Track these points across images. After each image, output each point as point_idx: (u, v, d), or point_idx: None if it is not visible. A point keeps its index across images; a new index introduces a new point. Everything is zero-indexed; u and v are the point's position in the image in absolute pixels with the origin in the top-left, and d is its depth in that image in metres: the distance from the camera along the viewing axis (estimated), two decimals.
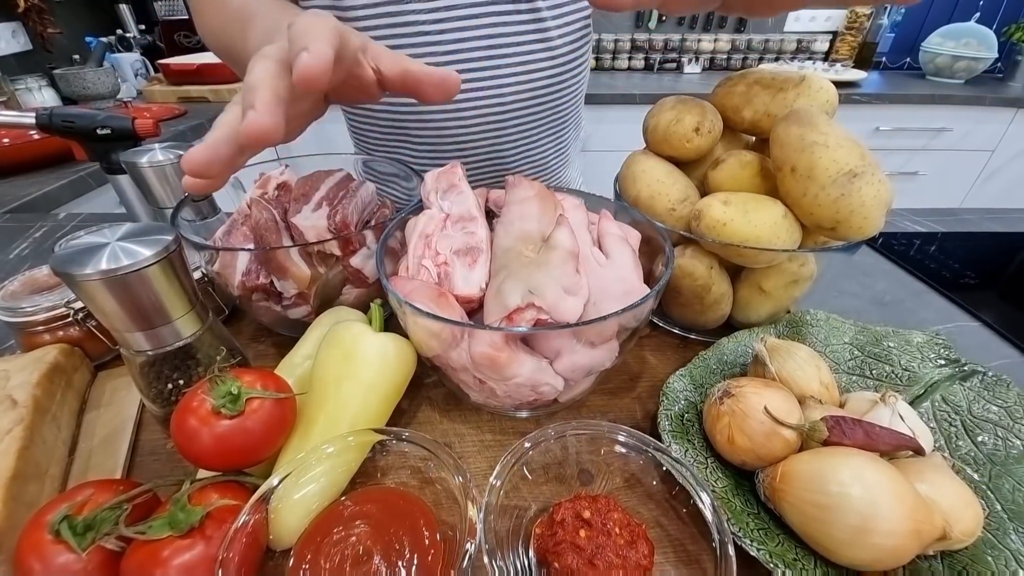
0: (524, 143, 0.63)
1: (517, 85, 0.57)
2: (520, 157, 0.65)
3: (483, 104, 0.57)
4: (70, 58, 1.76)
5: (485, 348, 0.30)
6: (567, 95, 0.63)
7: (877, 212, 0.34)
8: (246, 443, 0.28)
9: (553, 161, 0.70)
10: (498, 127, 0.60)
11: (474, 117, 0.58)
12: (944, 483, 0.28)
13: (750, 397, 0.31)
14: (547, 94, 0.60)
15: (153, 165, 0.48)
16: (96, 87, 1.62)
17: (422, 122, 0.59)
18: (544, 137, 0.65)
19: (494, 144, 0.61)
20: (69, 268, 0.29)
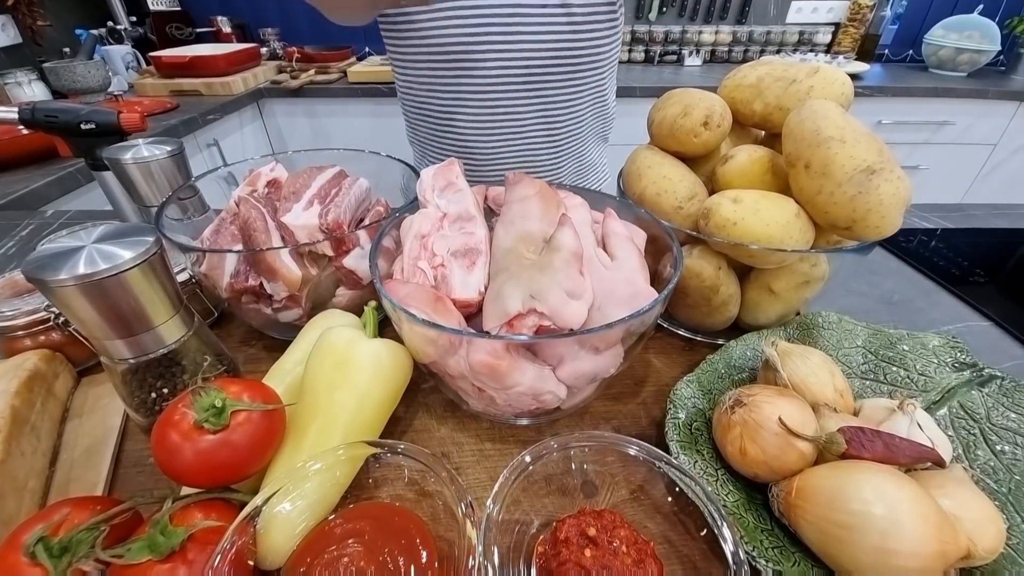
0: (540, 107, 0.67)
1: (537, 49, 0.61)
2: (536, 119, 0.68)
3: (505, 62, 0.62)
4: (60, 51, 1.73)
5: (484, 356, 0.29)
6: (587, 69, 0.67)
7: (895, 211, 0.33)
8: (231, 458, 0.27)
9: (566, 131, 0.72)
10: (517, 87, 0.64)
11: (497, 73, 0.63)
12: (967, 498, 0.27)
13: (763, 406, 0.29)
14: (566, 65, 0.64)
15: (138, 162, 0.46)
16: (86, 80, 1.59)
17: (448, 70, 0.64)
18: (560, 105, 0.68)
19: (515, 104, 0.66)
20: (42, 274, 0.27)
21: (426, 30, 0.61)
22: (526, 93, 0.65)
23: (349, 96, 1.83)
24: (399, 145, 0.84)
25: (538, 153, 0.72)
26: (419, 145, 0.80)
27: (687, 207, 0.39)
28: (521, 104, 0.66)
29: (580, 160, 0.79)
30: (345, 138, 1.95)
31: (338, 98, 1.84)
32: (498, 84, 0.64)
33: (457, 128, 0.70)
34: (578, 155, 0.78)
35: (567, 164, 0.77)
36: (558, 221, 0.32)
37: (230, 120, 1.66)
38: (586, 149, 0.79)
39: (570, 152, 0.75)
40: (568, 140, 0.73)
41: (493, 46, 0.61)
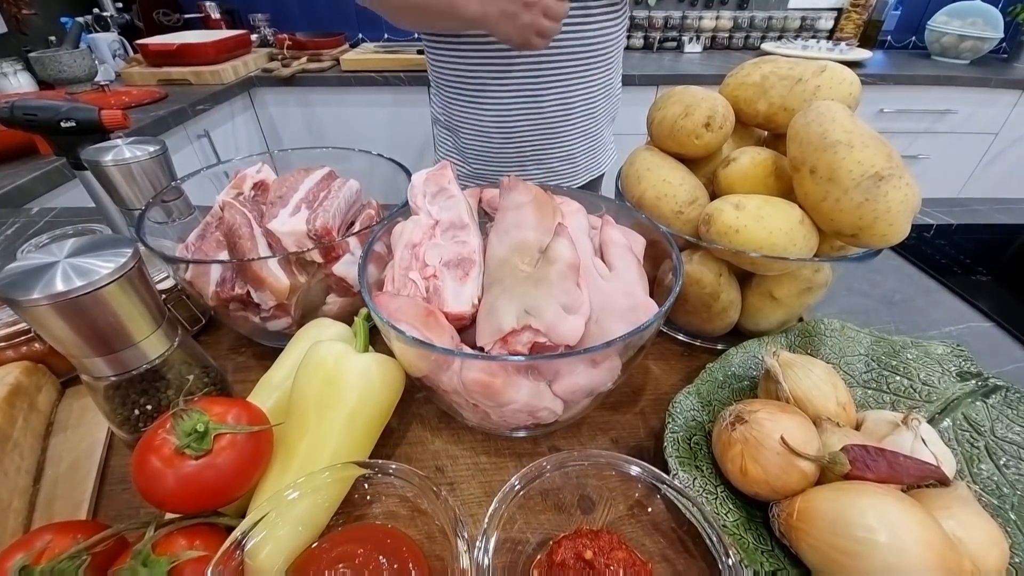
0: (559, 88, 0.74)
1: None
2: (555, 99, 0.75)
3: None
4: (46, 40, 1.68)
5: (478, 374, 0.28)
6: (598, 51, 0.73)
7: (904, 218, 0.31)
8: (216, 483, 0.26)
9: (581, 110, 0.78)
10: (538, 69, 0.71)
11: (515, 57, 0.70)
12: (971, 519, 0.26)
13: (764, 423, 0.29)
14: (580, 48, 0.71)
15: (119, 163, 0.44)
16: (72, 70, 1.55)
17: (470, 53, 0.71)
18: (576, 86, 0.74)
19: (534, 85, 0.72)
20: (13, 293, 0.26)
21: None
22: (546, 77, 0.72)
23: (343, 85, 1.79)
24: (395, 135, 0.84)
25: (555, 132, 0.79)
26: (448, 124, 0.85)
27: (688, 212, 0.38)
28: (541, 87, 0.72)
29: (594, 139, 0.85)
30: (339, 128, 1.91)
31: (331, 87, 1.80)
32: (520, 68, 0.70)
33: (482, 111, 0.76)
34: (593, 134, 0.84)
35: (582, 142, 0.83)
36: (554, 230, 0.31)
37: (221, 110, 1.62)
38: (599, 128, 0.85)
39: (585, 130, 0.81)
40: (583, 120, 0.79)
41: None
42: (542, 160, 0.83)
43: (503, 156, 0.82)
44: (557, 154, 0.82)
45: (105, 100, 1.43)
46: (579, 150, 0.84)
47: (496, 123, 0.77)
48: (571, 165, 0.86)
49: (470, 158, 0.84)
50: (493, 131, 0.78)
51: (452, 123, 0.83)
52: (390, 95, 1.79)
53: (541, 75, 0.72)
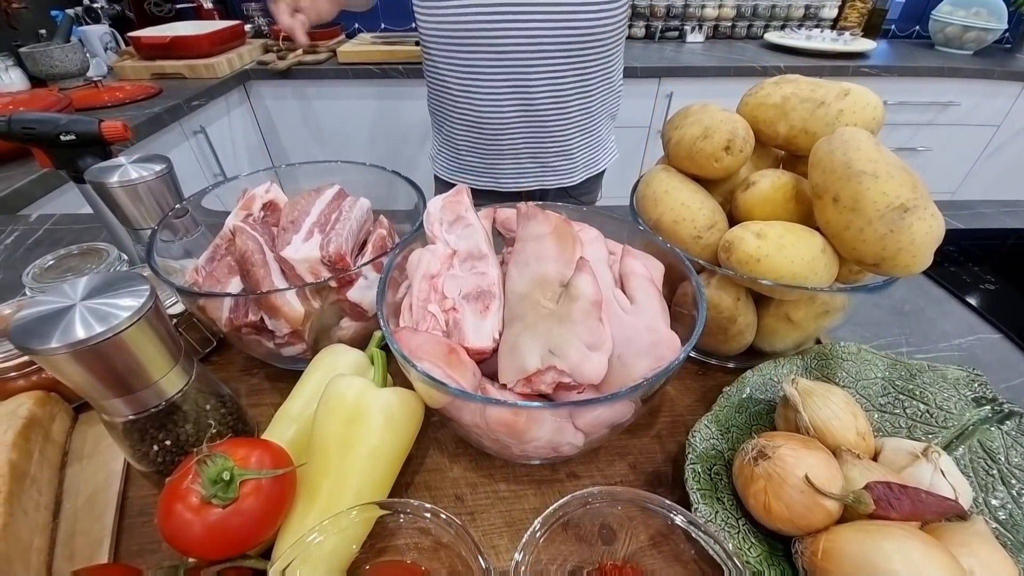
0: (550, 79, 0.72)
1: (546, 22, 0.67)
2: (546, 90, 0.73)
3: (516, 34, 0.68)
4: (36, 33, 1.63)
5: (502, 413, 0.28)
6: (595, 42, 0.71)
7: (927, 250, 0.31)
8: (242, 529, 0.26)
9: (576, 103, 0.77)
10: (528, 58, 0.70)
11: (506, 45, 0.69)
12: (989, 555, 0.26)
13: (787, 459, 0.29)
14: (576, 37, 0.69)
15: (124, 184, 0.43)
16: (64, 65, 1.52)
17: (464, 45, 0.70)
18: (569, 77, 0.73)
19: (524, 75, 0.71)
20: (30, 342, 0.25)
21: (452, 7, 0.68)
22: (536, 67, 0.71)
23: (340, 78, 1.76)
24: (394, 128, 0.84)
25: (548, 126, 0.77)
26: (439, 119, 0.85)
27: (706, 237, 0.38)
28: (532, 77, 0.71)
29: (592, 135, 0.84)
30: (337, 122, 1.89)
31: (328, 79, 1.77)
32: (509, 58, 0.70)
33: (473, 102, 0.75)
34: (588, 130, 0.82)
35: (576, 137, 0.81)
36: (576, 265, 0.31)
37: (216, 105, 1.60)
38: (597, 124, 0.83)
39: (580, 126, 0.80)
40: (577, 113, 0.78)
41: (507, 23, 0.67)
42: (537, 155, 0.81)
43: (497, 151, 0.80)
44: (552, 150, 0.81)
45: (98, 96, 1.40)
46: (576, 146, 0.82)
47: (488, 116, 0.76)
48: (568, 162, 0.84)
49: (462, 151, 0.83)
50: (485, 124, 0.77)
51: (444, 116, 0.82)
52: (388, 87, 1.76)
53: (531, 65, 0.70)
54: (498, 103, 0.74)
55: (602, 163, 0.91)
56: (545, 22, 0.67)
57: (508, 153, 0.80)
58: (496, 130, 0.77)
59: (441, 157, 0.89)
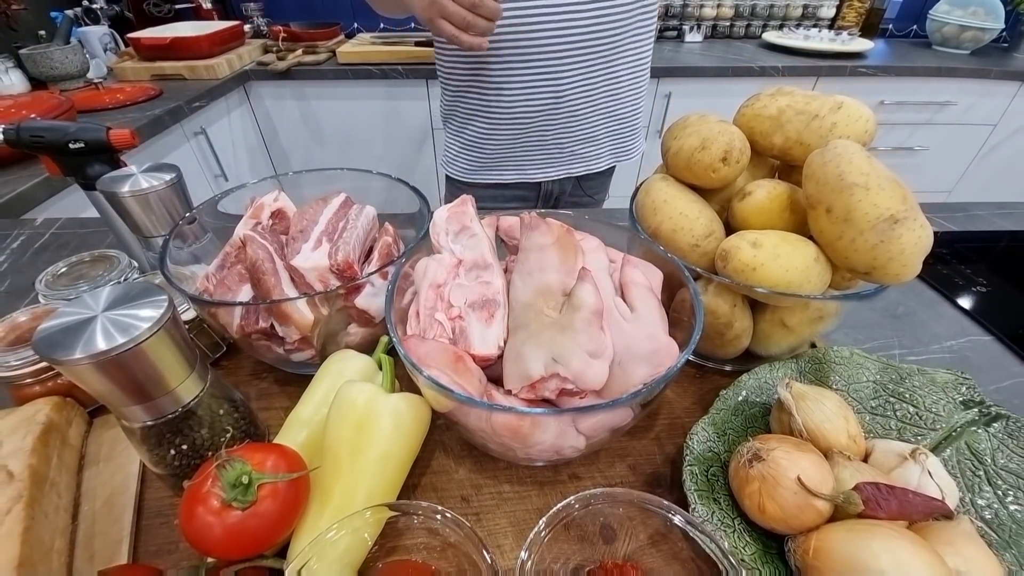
0: (580, 66, 0.74)
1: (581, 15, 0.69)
2: (575, 76, 0.75)
3: (549, 26, 0.69)
4: (36, 34, 1.64)
5: (507, 417, 0.29)
6: (620, 27, 0.72)
7: (916, 259, 0.32)
8: (260, 530, 0.27)
9: (603, 91, 0.78)
10: (559, 48, 0.71)
11: (541, 38, 0.70)
12: (973, 554, 0.28)
13: (781, 462, 0.30)
14: (602, 20, 0.70)
15: (135, 194, 0.44)
16: (64, 66, 1.52)
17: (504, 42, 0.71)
18: (597, 63, 0.74)
19: (555, 64, 0.73)
20: (54, 352, 0.26)
21: None
22: (568, 60, 0.72)
23: (339, 78, 1.77)
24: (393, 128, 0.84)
25: (576, 114, 0.79)
26: (459, 120, 0.85)
27: (704, 245, 0.39)
28: (563, 71, 0.73)
29: (617, 120, 0.85)
30: (337, 122, 1.89)
31: (328, 80, 1.78)
32: (544, 53, 0.71)
33: (504, 98, 0.76)
34: (616, 115, 0.83)
35: (603, 124, 0.83)
36: (578, 275, 0.32)
37: (216, 106, 1.60)
38: (623, 109, 0.84)
39: (608, 112, 0.82)
40: (605, 101, 0.80)
41: (542, 17, 0.69)
42: (563, 144, 0.82)
43: (524, 144, 0.82)
44: (579, 137, 0.82)
45: (99, 98, 1.40)
46: (602, 132, 0.84)
47: (520, 110, 0.77)
48: (594, 147, 0.85)
49: (487, 149, 0.84)
50: (517, 119, 0.78)
51: (468, 116, 0.83)
52: (388, 88, 1.76)
53: (563, 58, 0.72)
54: (530, 97, 0.76)
55: (631, 149, 0.92)
56: (578, 16, 0.69)
57: (536, 144, 0.82)
58: (526, 123, 0.79)
59: (460, 159, 0.89)
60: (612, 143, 0.88)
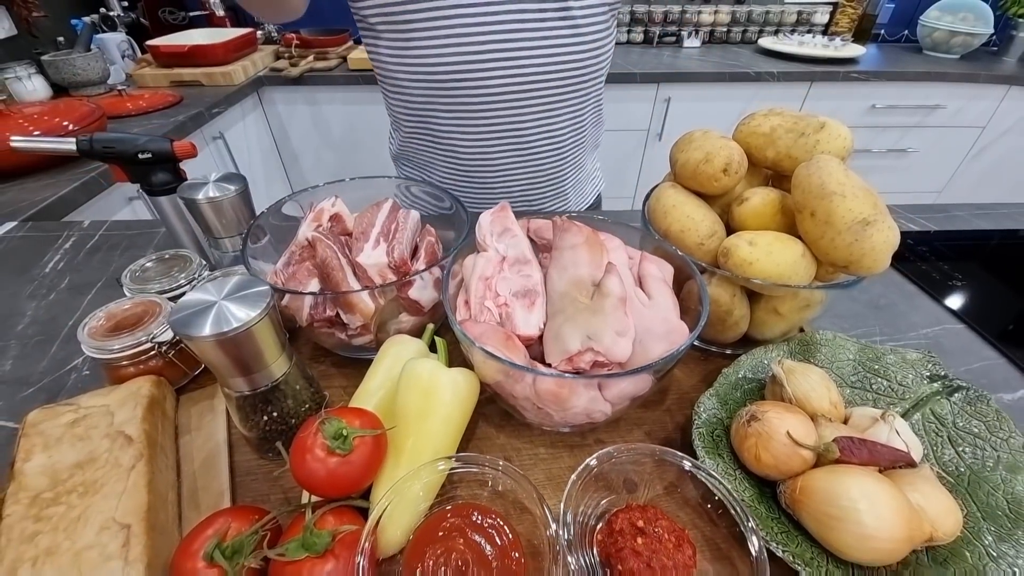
0: (546, 122, 0.69)
1: (541, 59, 0.62)
2: (541, 133, 0.69)
3: (507, 77, 0.63)
4: (55, 41, 1.69)
5: (550, 386, 0.35)
6: (590, 78, 0.68)
7: (885, 255, 0.39)
8: (354, 474, 0.33)
9: (570, 142, 0.74)
10: (521, 101, 0.65)
11: (498, 89, 0.64)
12: (931, 492, 0.34)
13: (773, 421, 0.36)
14: (572, 76, 0.65)
15: (211, 200, 0.50)
16: (86, 73, 1.58)
17: (449, 93, 0.64)
18: (565, 116, 0.69)
19: (517, 118, 0.67)
20: (187, 330, 0.32)
21: (425, 52, 0.62)
22: (530, 107, 0.66)
23: (350, 84, 1.83)
24: None
25: (543, 166, 0.73)
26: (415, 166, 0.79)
27: (707, 243, 0.45)
28: (526, 119, 0.67)
29: (581, 170, 0.82)
30: (346, 126, 1.95)
31: (339, 86, 1.84)
32: (501, 101, 0.65)
33: (459, 147, 0.69)
34: (579, 165, 0.80)
35: (570, 175, 0.79)
36: (605, 268, 0.38)
37: (232, 111, 1.66)
38: (585, 159, 0.81)
39: (573, 163, 0.77)
40: (571, 151, 0.75)
41: (496, 63, 0.62)
42: (529, 193, 0.76)
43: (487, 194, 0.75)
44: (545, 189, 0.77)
45: (122, 104, 1.46)
46: (569, 181, 0.79)
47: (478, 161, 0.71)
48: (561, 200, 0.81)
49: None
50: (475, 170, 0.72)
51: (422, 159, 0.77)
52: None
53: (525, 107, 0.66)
54: (489, 148, 0.69)
55: (589, 195, 0.88)
56: (541, 61, 0.62)
57: (499, 194, 0.75)
58: (487, 174, 0.72)
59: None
60: (576, 191, 0.83)
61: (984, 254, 0.79)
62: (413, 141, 0.75)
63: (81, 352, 0.58)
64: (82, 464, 0.36)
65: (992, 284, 0.71)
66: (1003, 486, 0.36)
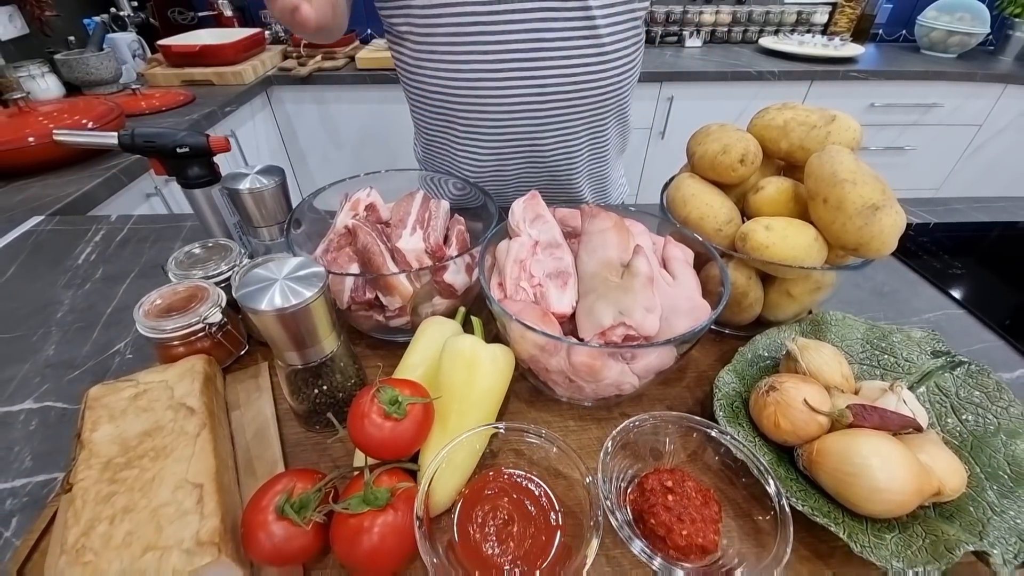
0: (562, 134, 0.69)
1: (560, 76, 0.62)
2: (557, 145, 0.70)
3: (524, 91, 0.63)
4: (66, 40, 1.71)
5: (584, 358, 0.38)
6: (612, 91, 0.67)
7: (892, 238, 0.42)
8: (407, 438, 0.36)
9: (588, 154, 0.74)
10: (537, 116, 0.65)
11: (516, 102, 0.64)
12: (938, 453, 0.37)
13: (791, 391, 0.39)
14: (591, 90, 0.65)
15: (252, 191, 0.53)
16: (99, 72, 1.60)
17: (467, 102, 0.66)
18: (583, 129, 0.70)
19: (533, 130, 0.67)
20: (252, 303, 0.35)
21: (446, 60, 0.63)
22: (546, 120, 0.66)
23: (357, 83, 1.86)
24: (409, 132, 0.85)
25: (558, 177, 0.75)
26: (436, 170, 0.80)
27: (725, 230, 0.48)
28: (543, 131, 0.67)
29: (603, 180, 0.82)
30: (354, 125, 1.98)
31: (346, 85, 1.87)
32: (518, 113, 0.65)
33: (476, 155, 0.70)
34: (599, 176, 0.80)
35: (585, 185, 0.79)
36: (632, 250, 0.41)
37: (243, 110, 1.68)
38: (610, 169, 0.81)
39: (588, 174, 0.78)
40: (588, 163, 0.75)
41: (514, 78, 0.62)
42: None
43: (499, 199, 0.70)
44: (561, 197, 0.78)
45: (136, 103, 1.48)
46: (585, 190, 0.80)
47: (493, 172, 0.72)
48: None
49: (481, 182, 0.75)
50: (489, 180, 0.74)
51: (442, 164, 0.78)
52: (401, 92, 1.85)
53: (541, 121, 0.66)
54: (503, 159, 0.70)
55: (614, 201, 0.89)
56: (560, 74, 0.62)
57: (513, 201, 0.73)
58: (500, 184, 0.74)
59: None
60: (594, 198, 0.84)
61: (983, 245, 0.82)
62: (433, 146, 0.77)
63: (123, 337, 0.61)
64: (150, 432, 0.39)
65: (990, 273, 0.75)
66: (1004, 449, 0.39)
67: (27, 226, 0.88)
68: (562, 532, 0.35)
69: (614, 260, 0.41)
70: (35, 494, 0.44)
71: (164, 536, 0.32)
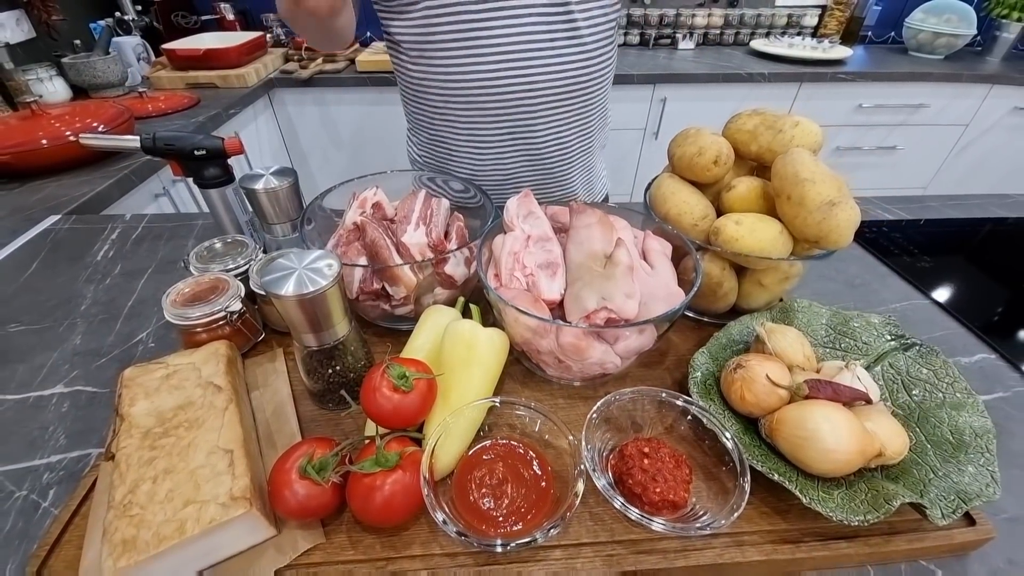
0: (554, 127, 0.75)
1: (549, 75, 0.69)
2: (550, 138, 0.76)
3: (518, 90, 0.69)
4: (72, 44, 1.75)
5: (571, 339, 0.43)
6: (594, 87, 0.74)
7: (849, 231, 0.47)
8: (413, 409, 0.41)
9: (578, 145, 0.80)
10: (531, 111, 0.72)
11: (510, 100, 0.70)
12: (883, 421, 0.42)
13: (755, 368, 0.44)
14: (576, 85, 0.72)
15: (267, 190, 0.57)
16: (106, 75, 1.64)
17: (466, 102, 0.71)
18: (572, 122, 0.76)
19: (527, 126, 0.73)
20: (274, 289, 0.40)
21: (446, 67, 0.69)
22: (540, 115, 0.72)
23: (358, 85, 1.90)
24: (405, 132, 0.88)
25: (552, 169, 0.80)
26: (433, 169, 0.84)
27: (701, 224, 0.53)
28: (536, 125, 0.73)
29: (590, 171, 0.88)
30: (354, 126, 2.02)
31: (347, 87, 1.91)
32: (513, 110, 0.71)
33: (474, 153, 0.76)
34: (587, 167, 0.86)
35: (577, 176, 0.85)
36: (615, 243, 0.46)
37: (246, 112, 1.72)
38: (594, 160, 0.88)
39: (580, 165, 0.84)
40: (579, 154, 0.81)
41: (509, 78, 0.68)
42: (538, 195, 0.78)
43: (498, 196, 0.77)
44: (554, 189, 0.83)
45: (142, 106, 1.52)
46: (577, 183, 0.85)
47: (491, 166, 0.77)
48: (571, 198, 0.83)
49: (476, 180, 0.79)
50: (486, 174, 0.78)
51: (439, 163, 0.82)
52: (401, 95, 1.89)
53: (535, 115, 0.72)
54: (501, 154, 0.75)
55: (598, 195, 0.94)
56: (548, 73, 0.68)
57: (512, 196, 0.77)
58: (499, 178, 0.78)
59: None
60: (584, 192, 0.89)
61: (951, 240, 0.87)
62: (431, 146, 0.81)
63: (145, 327, 0.65)
64: (183, 407, 0.43)
65: (957, 266, 0.79)
66: (947, 420, 0.44)
67: (45, 224, 0.92)
68: (552, 489, 0.40)
69: (598, 252, 0.46)
70: (70, 468, 0.48)
71: (202, 492, 0.36)
